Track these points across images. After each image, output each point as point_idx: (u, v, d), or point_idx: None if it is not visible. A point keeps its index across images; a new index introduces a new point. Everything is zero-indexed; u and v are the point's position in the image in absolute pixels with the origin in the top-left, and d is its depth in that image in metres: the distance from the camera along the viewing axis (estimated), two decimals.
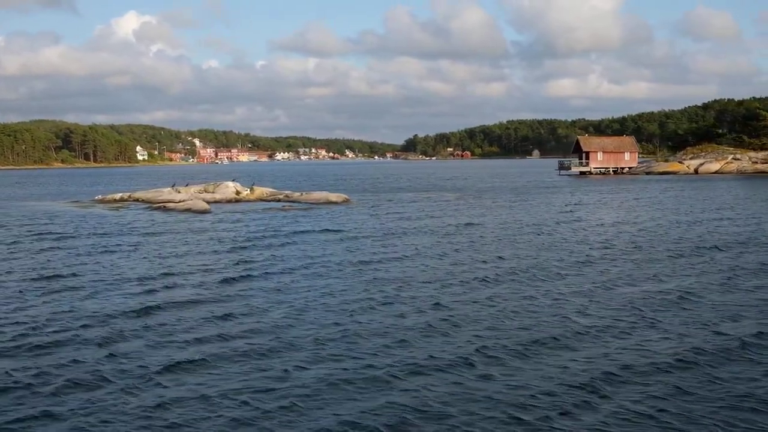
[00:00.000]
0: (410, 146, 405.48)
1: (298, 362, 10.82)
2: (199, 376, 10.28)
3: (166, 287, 16.98)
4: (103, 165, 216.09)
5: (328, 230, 29.23)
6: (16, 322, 13.50)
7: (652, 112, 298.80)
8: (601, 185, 64.85)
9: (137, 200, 47.56)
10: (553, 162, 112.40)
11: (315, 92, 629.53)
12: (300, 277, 18.10)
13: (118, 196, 48.89)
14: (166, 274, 18.71)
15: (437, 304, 14.74)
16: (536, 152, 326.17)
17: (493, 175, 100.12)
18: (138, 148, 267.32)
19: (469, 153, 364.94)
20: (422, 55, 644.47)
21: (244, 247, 24.00)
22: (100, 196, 49.91)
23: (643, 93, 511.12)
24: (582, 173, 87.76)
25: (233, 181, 49.87)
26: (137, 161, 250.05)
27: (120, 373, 10.44)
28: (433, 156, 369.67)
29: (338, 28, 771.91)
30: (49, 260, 21.77)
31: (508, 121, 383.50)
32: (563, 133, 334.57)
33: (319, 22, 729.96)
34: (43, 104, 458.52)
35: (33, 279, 18.38)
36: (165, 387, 9.81)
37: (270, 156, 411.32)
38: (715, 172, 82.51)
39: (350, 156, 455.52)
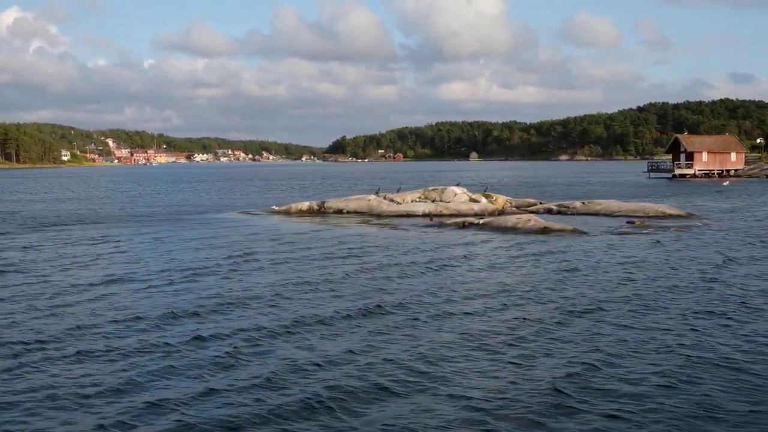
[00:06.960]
0: (338, 148, 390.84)
1: None
2: None
3: None
4: (27, 166, 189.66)
5: None
6: None
7: (593, 115, 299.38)
8: None
9: (340, 211, 33.16)
10: (492, 165, 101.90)
11: (206, 93, 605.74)
12: None
13: (305, 206, 34.09)
14: None
15: None
16: (474, 154, 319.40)
17: (555, 181, 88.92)
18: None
19: (401, 155, 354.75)
20: (312, 57, 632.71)
21: None
22: (275, 207, 34.96)
23: (532, 97, 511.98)
24: (677, 176, 77.29)
25: (458, 185, 36.03)
26: (62, 162, 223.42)
27: None
28: (364, 158, 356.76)
29: (223, 27, 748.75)
30: None
31: (438, 123, 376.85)
32: (503, 135, 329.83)
33: (204, 21, 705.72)
34: None
35: None
36: None
37: (188, 157, 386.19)
38: None
39: (270, 158, 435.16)
